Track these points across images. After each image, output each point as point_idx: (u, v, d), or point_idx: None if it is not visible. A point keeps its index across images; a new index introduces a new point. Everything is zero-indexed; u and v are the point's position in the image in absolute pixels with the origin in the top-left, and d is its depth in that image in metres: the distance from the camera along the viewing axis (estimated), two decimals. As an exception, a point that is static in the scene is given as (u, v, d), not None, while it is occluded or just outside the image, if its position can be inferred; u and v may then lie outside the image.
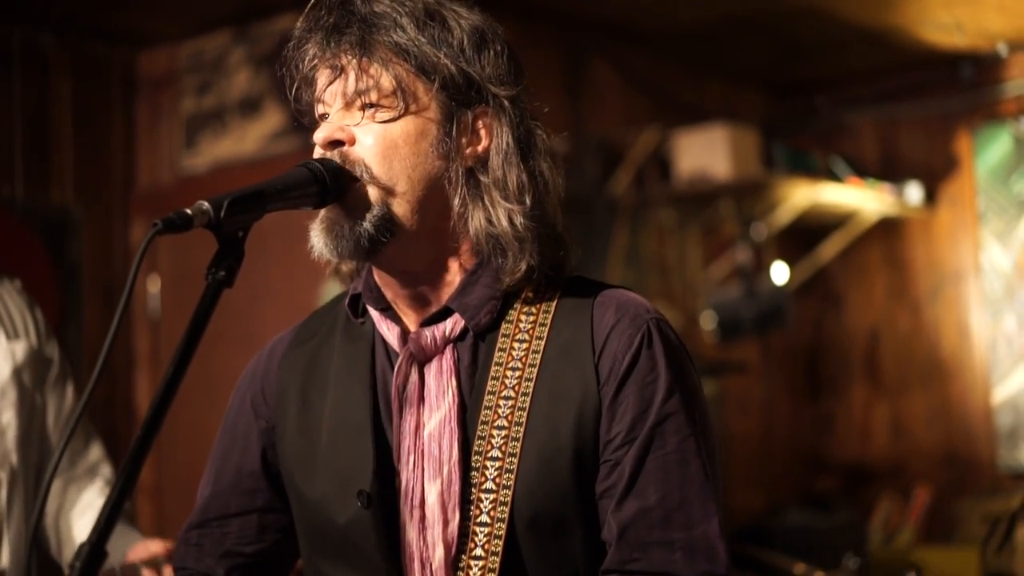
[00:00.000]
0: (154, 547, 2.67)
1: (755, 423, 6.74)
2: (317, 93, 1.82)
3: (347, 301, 1.91)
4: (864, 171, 6.55)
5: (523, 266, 1.78)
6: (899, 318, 6.89)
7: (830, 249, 6.81)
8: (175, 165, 5.72)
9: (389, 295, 1.86)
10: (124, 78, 5.81)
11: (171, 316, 5.67)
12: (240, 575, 1.99)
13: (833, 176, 6.29)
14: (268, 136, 5.43)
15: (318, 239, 1.77)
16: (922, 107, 6.79)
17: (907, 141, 6.89)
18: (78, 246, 5.52)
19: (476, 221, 1.79)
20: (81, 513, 2.87)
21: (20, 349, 2.84)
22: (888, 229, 6.84)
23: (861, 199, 6.43)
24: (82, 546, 1.38)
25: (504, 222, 1.77)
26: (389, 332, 1.85)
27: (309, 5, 1.84)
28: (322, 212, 1.77)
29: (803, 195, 6.10)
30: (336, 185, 1.73)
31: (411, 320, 1.85)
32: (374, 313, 1.87)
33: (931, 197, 6.71)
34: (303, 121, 1.88)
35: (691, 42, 6.18)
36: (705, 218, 6.30)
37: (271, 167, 5.10)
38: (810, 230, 6.75)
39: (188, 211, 1.54)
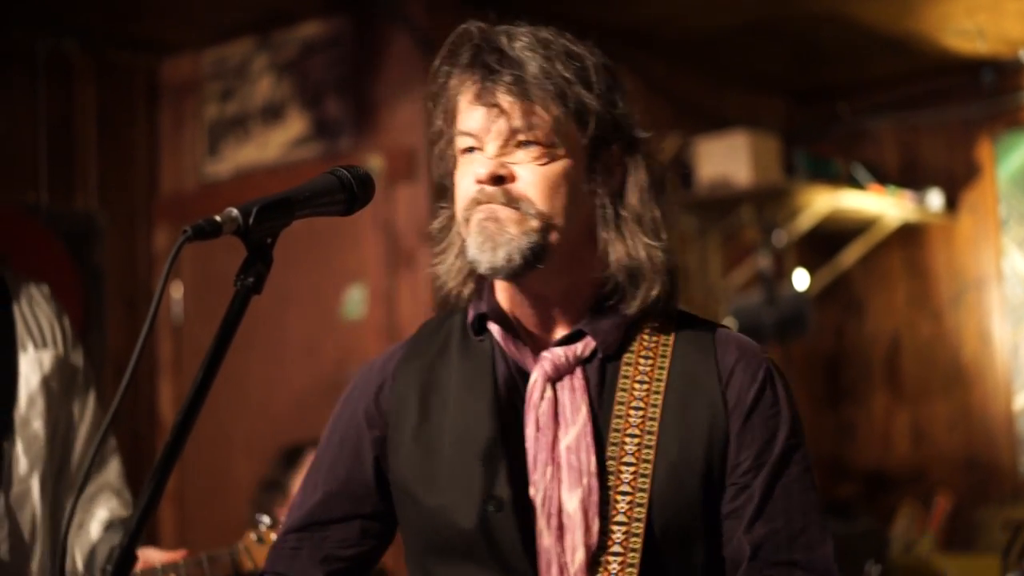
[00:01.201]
0: (155, 555, 2.69)
1: (776, 429, 6.72)
2: (468, 127, 1.89)
3: (470, 320, 2.00)
4: (885, 178, 6.54)
5: (653, 295, 1.92)
6: (920, 325, 6.88)
7: (851, 256, 6.81)
8: (198, 172, 5.75)
9: (515, 316, 1.97)
10: (148, 85, 5.84)
11: (194, 322, 5.69)
12: None
13: (854, 183, 6.29)
14: (291, 143, 5.46)
15: (478, 247, 1.86)
16: (943, 114, 6.78)
17: (928, 148, 6.88)
18: (102, 252, 5.54)
19: (617, 253, 1.91)
20: (79, 524, 2.88)
21: (48, 358, 2.86)
22: (909, 236, 6.83)
23: (882, 206, 6.43)
24: (113, 549, 1.40)
25: (643, 254, 1.91)
26: (518, 351, 1.96)
27: (451, 39, 1.92)
28: (477, 223, 1.86)
29: (824, 202, 6.10)
30: (364, 192, 1.76)
31: (535, 341, 1.97)
32: (498, 333, 1.97)
33: (952, 204, 6.70)
34: (438, 148, 1.97)
35: (711, 49, 6.19)
36: (726, 224, 6.30)
37: (294, 174, 5.15)
38: (831, 236, 6.75)
39: (217, 218, 1.55)
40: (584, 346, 1.93)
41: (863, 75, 6.75)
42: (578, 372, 1.92)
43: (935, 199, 6.60)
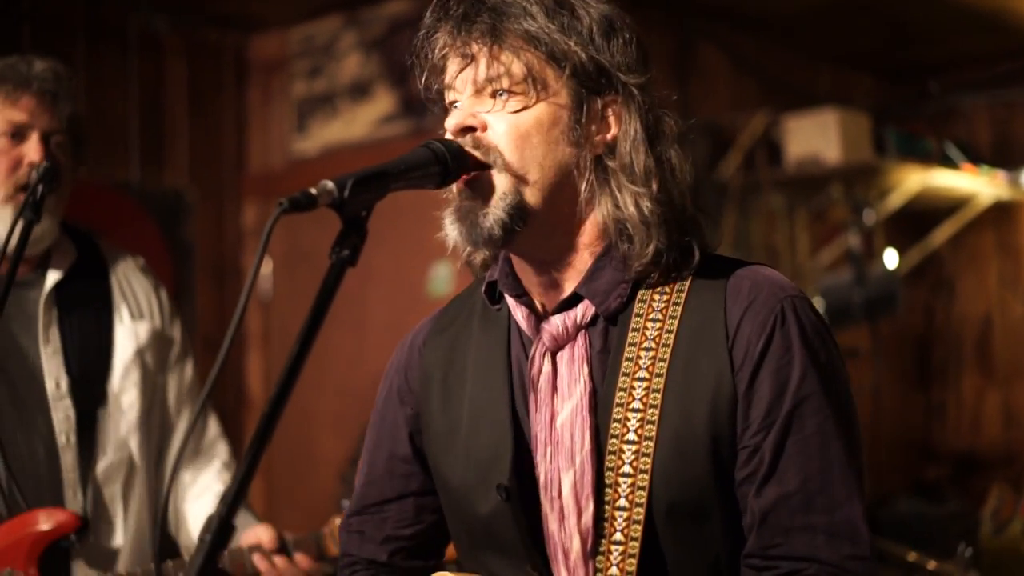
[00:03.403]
0: (264, 536, 2.72)
1: (864, 410, 6.59)
2: (447, 80, 1.83)
3: (484, 288, 1.92)
4: (978, 157, 6.44)
5: (650, 251, 1.77)
6: (1012, 305, 6.77)
7: (942, 235, 6.72)
8: (286, 148, 5.78)
9: (524, 282, 1.87)
10: (236, 62, 5.89)
11: (282, 297, 5.73)
12: (402, 557, 2.04)
13: (946, 161, 6.20)
14: (378, 120, 5.47)
15: (452, 227, 1.79)
16: (1037, 92, 6.68)
17: (1022, 126, 6.77)
18: (191, 228, 5.61)
19: (603, 207, 1.79)
20: (197, 496, 2.91)
21: (144, 330, 2.89)
22: (1001, 214, 6.73)
23: (974, 184, 6.34)
24: (210, 518, 1.41)
25: (631, 207, 1.77)
26: (523, 318, 1.85)
27: None
28: (455, 200, 1.79)
29: (915, 180, 6.03)
30: (458, 165, 1.74)
31: (544, 308, 1.86)
32: (509, 299, 1.88)
33: (1046, 183, 6.60)
34: (433, 109, 1.90)
35: (800, 25, 6.12)
36: (815, 203, 6.24)
37: (381, 150, 5.16)
38: (921, 215, 6.66)
39: (313, 191, 1.54)
40: (584, 310, 1.80)
41: (954, 52, 6.64)
42: (580, 340, 1.80)
43: (1029, 178, 6.49)
